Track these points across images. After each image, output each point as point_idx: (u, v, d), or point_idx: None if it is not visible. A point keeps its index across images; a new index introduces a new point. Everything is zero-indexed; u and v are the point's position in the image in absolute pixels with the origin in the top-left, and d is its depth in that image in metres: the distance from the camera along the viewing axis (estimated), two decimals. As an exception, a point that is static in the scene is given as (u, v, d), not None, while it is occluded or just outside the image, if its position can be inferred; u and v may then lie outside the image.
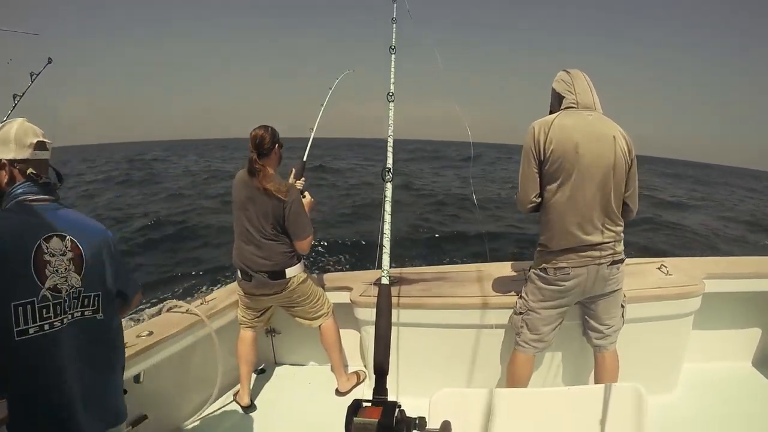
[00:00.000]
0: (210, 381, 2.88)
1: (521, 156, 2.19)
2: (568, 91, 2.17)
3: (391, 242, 1.19)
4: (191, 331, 2.79)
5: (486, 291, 2.71)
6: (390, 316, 1.09)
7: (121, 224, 11.64)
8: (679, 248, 9.75)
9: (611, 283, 2.19)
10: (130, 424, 2.53)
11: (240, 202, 2.75)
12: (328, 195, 14.00)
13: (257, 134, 2.68)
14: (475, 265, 3.23)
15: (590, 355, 2.45)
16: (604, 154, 2.04)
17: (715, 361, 2.86)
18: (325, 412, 2.88)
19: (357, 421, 0.86)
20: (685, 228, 12.31)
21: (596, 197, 2.07)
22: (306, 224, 2.75)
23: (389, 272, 1.17)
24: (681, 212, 15.24)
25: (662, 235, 11.24)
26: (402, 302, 2.71)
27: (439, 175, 22.97)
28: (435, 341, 2.75)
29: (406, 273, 3.18)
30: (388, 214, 1.25)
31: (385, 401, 0.91)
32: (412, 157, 36.93)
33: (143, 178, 22.24)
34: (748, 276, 2.64)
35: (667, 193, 20.64)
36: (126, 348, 2.45)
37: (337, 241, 9.04)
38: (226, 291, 3.33)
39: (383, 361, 1.00)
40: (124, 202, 15.61)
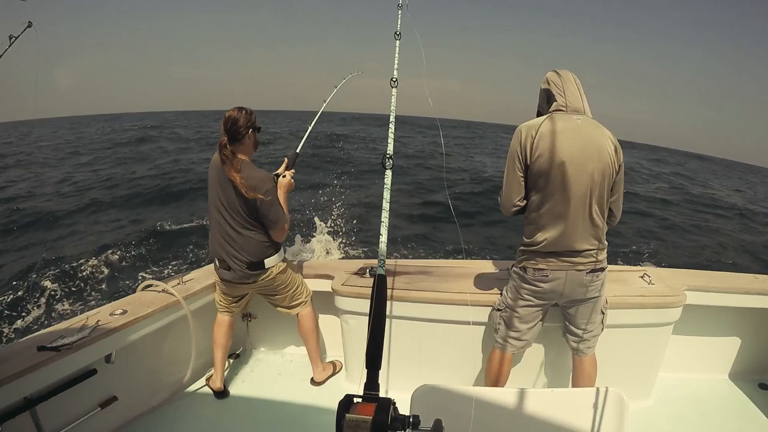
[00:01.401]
0: (183, 364, 2.82)
1: (507, 158, 2.16)
2: (558, 93, 2.13)
3: (388, 231, 1.15)
4: (166, 312, 2.72)
5: (468, 287, 2.70)
6: (385, 309, 1.05)
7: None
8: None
9: (590, 290, 2.18)
10: (99, 405, 2.47)
11: (213, 190, 2.63)
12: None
13: (230, 116, 2.52)
14: (459, 261, 3.24)
15: (568, 358, 2.47)
16: (592, 160, 2.02)
17: (691, 372, 2.91)
18: (298, 401, 2.86)
19: (350, 418, 0.83)
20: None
21: (582, 203, 2.05)
22: (280, 214, 2.62)
23: (376, 263, 1.14)
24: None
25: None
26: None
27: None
28: (415, 335, 2.74)
29: (389, 265, 3.17)
30: (387, 202, 1.21)
31: (378, 398, 0.88)
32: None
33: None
34: (727, 290, 2.68)
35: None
36: (98, 326, 2.41)
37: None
38: (204, 272, 3.27)
39: (377, 354, 0.97)
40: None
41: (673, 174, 27.00)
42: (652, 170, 26.67)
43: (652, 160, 36.21)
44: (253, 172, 2.54)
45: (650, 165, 30.94)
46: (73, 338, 2.26)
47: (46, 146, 25.81)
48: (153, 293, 2.86)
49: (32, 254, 8.30)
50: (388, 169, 1.28)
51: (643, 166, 27.96)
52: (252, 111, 2.59)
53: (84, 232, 9.54)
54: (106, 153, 21.03)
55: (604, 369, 2.39)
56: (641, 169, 25.33)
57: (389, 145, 1.37)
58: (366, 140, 27.35)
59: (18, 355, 2.12)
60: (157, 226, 9.37)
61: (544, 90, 2.20)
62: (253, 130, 2.60)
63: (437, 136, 29.24)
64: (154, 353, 2.85)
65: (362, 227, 8.76)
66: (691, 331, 2.82)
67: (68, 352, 2.19)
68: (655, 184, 19.14)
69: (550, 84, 2.17)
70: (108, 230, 9.48)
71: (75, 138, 30.93)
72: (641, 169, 25.33)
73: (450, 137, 34.60)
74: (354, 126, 42.74)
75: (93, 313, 2.59)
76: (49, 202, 11.89)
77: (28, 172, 16.14)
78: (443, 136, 25.33)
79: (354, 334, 2.91)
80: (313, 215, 8.60)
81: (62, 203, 11.68)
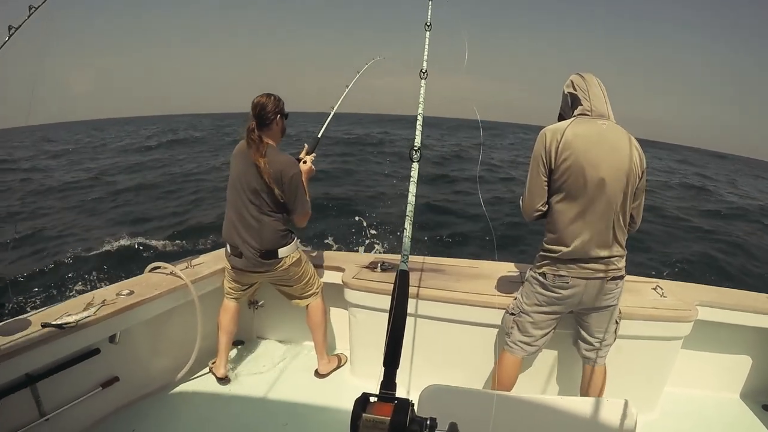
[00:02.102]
0: (187, 348, 2.80)
1: (530, 162, 2.12)
2: (583, 98, 2.09)
3: (412, 225, 1.11)
4: (173, 295, 2.70)
5: (481, 288, 2.66)
6: (406, 305, 1.00)
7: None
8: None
9: (608, 298, 2.15)
10: (100, 385, 2.46)
11: (235, 174, 2.62)
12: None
13: (259, 101, 2.54)
14: (473, 261, 3.18)
15: (579, 366, 2.42)
16: (617, 166, 1.98)
17: (698, 389, 2.86)
18: (301, 393, 2.83)
19: (367, 418, 0.79)
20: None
21: (606, 210, 2.01)
22: (304, 199, 2.62)
23: (388, 257, 1.09)
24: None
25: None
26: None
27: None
28: (423, 333, 2.69)
29: (398, 260, 3.13)
30: (413, 195, 1.18)
31: (396, 398, 0.84)
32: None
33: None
34: (738, 308, 2.62)
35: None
36: (105, 306, 2.38)
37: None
38: (213, 257, 3.24)
39: (395, 352, 0.92)
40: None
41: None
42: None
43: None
44: (277, 157, 2.54)
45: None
46: (78, 317, 2.24)
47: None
48: (160, 275, 2.84)
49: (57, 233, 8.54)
50: (415, 161, 1.26)
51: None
52: (280, 98, 2.60)
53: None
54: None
55: (610, 379, 2.35)
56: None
57: (417, 138, 1.35)
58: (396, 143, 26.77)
59: (22, 330, 2.10)
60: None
61: (568, 93, 2.16)
62: (281, 116, 2.60)
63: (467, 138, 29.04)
64: (158, 336, 2.83)
65: (387, 222, 8.75)
66: (701, 347, 2.77)
67: (72, 331, 2.18)
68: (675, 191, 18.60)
69: (575, 88, 2.12)
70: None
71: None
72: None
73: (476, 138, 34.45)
74: (374, 128, 42.01)
75: (99, 293, 2.57)
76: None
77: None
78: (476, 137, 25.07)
79: (361, 328, 2.87)
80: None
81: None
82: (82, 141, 33.07)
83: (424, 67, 1.74)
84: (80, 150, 25.64)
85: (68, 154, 23.33)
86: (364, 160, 18.61)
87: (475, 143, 25.99)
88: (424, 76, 1.70)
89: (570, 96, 2.14)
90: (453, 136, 36.11)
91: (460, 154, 21.58)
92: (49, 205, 11.44)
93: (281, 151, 2.62)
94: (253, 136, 2.52)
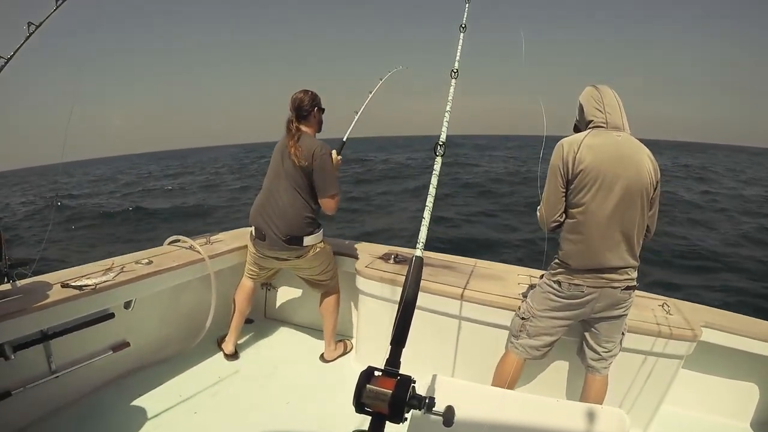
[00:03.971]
0: (198, 322, 2.86)
1: (548, 173, 2.15)
2: (597, 109, 2.11)
3: (431, 217, 1.15)
4: (190, 269, 2.76)
5: (491, 288, 2.66)
6: (418, 289, 1.04)
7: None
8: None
9: (621, 308, 2.15)
10: (111, 349, 2.53)
11: (274, 161, 2.75)
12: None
13: (297, 97, 2.69)
14: (484, 261, 3.18)
15: (579, 374, 2.42)
16: (633, 177, 2.00)
17: (693, 410, 2.80)
18: (305, 376, 2.87)
19: (370, 389, 0.83)
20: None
21: (622, 220, 2.02)
22: (332, 183, 2.68)
23: (402, 250, 1.13)
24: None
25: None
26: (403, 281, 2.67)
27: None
28: (429, 327, 2.71)
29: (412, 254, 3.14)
30: (434, 187, 1.21)
31: (400, 374, 0.88)
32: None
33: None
34: (743, 334, 2.57)
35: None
36: (123, 273, 2.45)
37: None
38: (232, 235, 3.29)
39: (403, 331, 0.96)
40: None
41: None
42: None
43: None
44: (310, 140, 2.66)
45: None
46: (96, 280, 2.31)
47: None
48: (180, 249, 2.90)
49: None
50: (439, 156, 1.29)
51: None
52: (317, 93, 2.74)
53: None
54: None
55: (607, 391, 2.33)
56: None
57: (443, 134, 1.38)
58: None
59: (42, 289, 2.17)
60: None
61: (583, 105, 2.18)
62: (318, 109, 2.75)
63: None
64: (172, 307, 2.89)
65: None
66: (701, 369, 2.73)
67: (90, 293, 2.24)
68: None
69: (591, 100, 2.14)
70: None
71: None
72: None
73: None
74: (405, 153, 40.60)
75: (119, 259, 2.64)
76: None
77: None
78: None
79: (370, 317, 2.90)
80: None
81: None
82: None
83: (455, 66, 1.78)
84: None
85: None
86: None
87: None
88: (455, 75, 1.74)
89: (585, 108, 2.16)
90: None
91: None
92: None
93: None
94: (291, 126, 2.67)
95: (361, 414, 0.84)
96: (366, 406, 0.83)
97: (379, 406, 0.82)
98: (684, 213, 12.75)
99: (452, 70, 1.77)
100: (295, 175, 2.63)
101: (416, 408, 0.86)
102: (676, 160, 32.84)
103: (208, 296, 2.79)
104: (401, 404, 0.82)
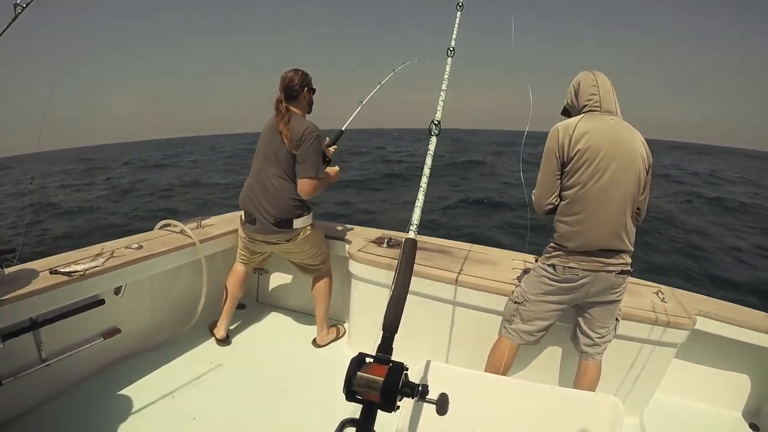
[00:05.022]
0: (190, 307, 2.84)
1: (542, 157, 2.15)
2: (593, 93, 2.12)
3: (425, 198, 1.13)
4: (181, 253, 2.73)
5: (485, 273, 2.65)
6: (410, 274, 1.01)
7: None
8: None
9: (615, 293, 2.15)
10: (102, 336, 2.50)
11: (261, 143, 2.70)
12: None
13: (287, 76, 2.62)
14: (480, 246, 3.17)
15: (572, 360, 2.42)
16: (627, 159, 2.02)
17: (686, 399, 2.82)
18: (298, 360, 2.86)
19: (361, 376, 0.81)
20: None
21: (617, 203, 2.03)
22: (313, 164, 2.59)
23: (395, 234, 1.11)
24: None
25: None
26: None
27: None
28: (423, 312, 2.71)
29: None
30: (429, 168, 1.19)
31: (392, 360, 0.86)
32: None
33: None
34: (737, 323, 2.56)
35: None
36: (112, 258, 2.42)
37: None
38: (223, 219, 3.26)
39: (396, 317, 0.93)
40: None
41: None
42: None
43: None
44: (301, 121, 2.60)
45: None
46: (86, 266, 2.27)
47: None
48: (170, 233, 2.87)
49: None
50: (433, 135, 1.28)
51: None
52: (307, 73, 2.68)
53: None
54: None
55: (600, 378, 2.34)
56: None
57: (438, 113, 1.37)
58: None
59: (31, 276, 2.14)
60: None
61: (577, 89, 2.18)
62: (308, 90, 2.68)
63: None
64: (163, 292, 2.87)
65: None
66: (694, 357, 2.74)
67: (79, 279, 2.21)
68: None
69: (587, 83, 2.15)
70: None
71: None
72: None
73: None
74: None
75: (109, 245, 2.61)
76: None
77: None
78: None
79: (363, 301, 2.89)
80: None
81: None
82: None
83: (452, 45, 1.76)
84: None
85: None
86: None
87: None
88: (452, 54, 1.73)
89: (578, 92, 2.17)
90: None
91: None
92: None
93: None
94: (281, 106, 2.61)
95: (352, 402, 0.82)
96: (357, 394, 0.81)
97: (370, 394, 0.80)
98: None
99: (449, 48, 1.76)
100: (283, 157, 2.58)
101: (409, 396, 0.83)
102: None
103: (199, 281, 2.77)
104: (393, 392, 0.79)
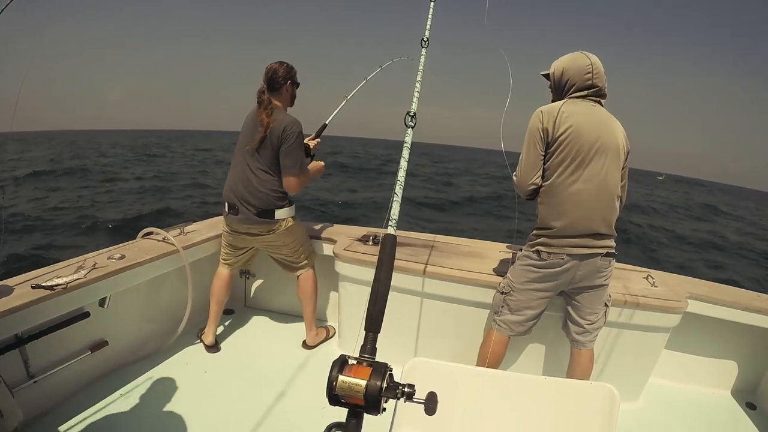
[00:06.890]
0: (177, 315, 2.81)
1: (525, 138, 2.14)
2: (587, 72, 2.10)
3: (403, 192, 1.11)
4: (165, 261, 2.70)
5: (472, 266, 2.66)
6: (391, 270, 0.99)
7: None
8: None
9: (601, 277, 2.16)
10: (89, 349, 2.47)
11: (242, 134, 2.69)
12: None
13: (271, 67, 2.62)
14: (465, 239, 3.18)
15: (564, 349, 2.43)
16: (609, 143, 2.05)
17: (682, 382, 2.86)
18: (288, 363, 2.85)
19: (343, 380, 0.78)
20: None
21: (601, 186, 2.05)
22: (297, 160, 2.63)
23: (381, 231, 1.09)
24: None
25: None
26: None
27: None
28: (412, 309, 2.71)
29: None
30: (405, 161, 1.17)
31: (375, 362, 0.83)
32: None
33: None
34: (727, 304, 2.60)
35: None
36: (95, 269, 2.38)
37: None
38: (206, 224, 3.23)
39: (378, 316, 0.91)
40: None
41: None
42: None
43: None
44: (283, 115, 2.61)
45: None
46: (68, 278, 2.24)
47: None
48: (153, 241, 2.84)
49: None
50: (409, 127, 1.25)
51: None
52: (292, 66, 2.67)
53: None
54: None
55: (595, 365, 2.36)
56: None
57: (414, 104, 1.35)
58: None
59: (12, 291, 2.10)
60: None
61: (568, 68, 2.14)
62: (291, 83, 2.68)
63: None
64: (148, 301, 2.84)
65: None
66: (688, 340, 2.77)
67: (62, 293, 2.16)
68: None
69: (579, 63, 2.12)
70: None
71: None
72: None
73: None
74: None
75: (91, 256, 2.57)
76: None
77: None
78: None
79: (351, 300, 2.89)
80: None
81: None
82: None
83: (426, 36, 1.75)
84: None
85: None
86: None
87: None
88: (426, 44, 1.72)
89: (573, 70, 2.13)
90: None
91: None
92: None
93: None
94: (263, 97, 2.60)
95: (336, 406, 0.80)
96: (341, 398, 0.79)
97: (353, 397, 0.78)
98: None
99: (422, 39, 1.75)
100: (263, 147, 2.58)
101: (393, 398, 0.80)
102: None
103: (185, 288, 2.75)
104: (377, 395, 0.77)
